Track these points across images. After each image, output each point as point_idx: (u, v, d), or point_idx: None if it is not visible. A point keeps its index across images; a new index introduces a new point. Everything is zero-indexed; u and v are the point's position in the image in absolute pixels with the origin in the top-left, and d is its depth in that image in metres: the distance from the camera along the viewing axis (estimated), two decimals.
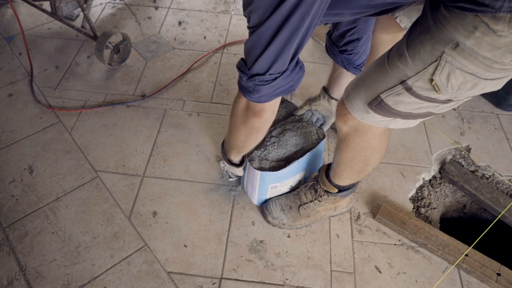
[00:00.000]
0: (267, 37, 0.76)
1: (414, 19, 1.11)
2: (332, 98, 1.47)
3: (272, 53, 0.79)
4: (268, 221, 1.38)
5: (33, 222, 1.37)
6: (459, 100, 0.83)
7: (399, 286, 1.27)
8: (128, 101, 1.77)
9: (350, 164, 1.12)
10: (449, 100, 0.81)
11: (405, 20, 1.16)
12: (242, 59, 0.88)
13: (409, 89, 0.81)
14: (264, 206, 1.39)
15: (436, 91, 0.78)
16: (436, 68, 0.75)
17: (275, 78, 0.85)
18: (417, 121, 0.94)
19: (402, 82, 0.81)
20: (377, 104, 0.88)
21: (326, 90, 1.49)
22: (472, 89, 0.77)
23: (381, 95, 0.86)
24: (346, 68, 1.34)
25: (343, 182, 1.22)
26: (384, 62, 0.85)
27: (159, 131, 1.66)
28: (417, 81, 0.79)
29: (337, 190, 1.25)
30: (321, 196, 1.30)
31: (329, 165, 1.26)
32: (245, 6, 0.77)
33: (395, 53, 0.83)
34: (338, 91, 1.45)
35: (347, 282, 1.27)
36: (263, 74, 0.84)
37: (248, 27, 0.80)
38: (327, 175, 1.26)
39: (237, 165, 1.28)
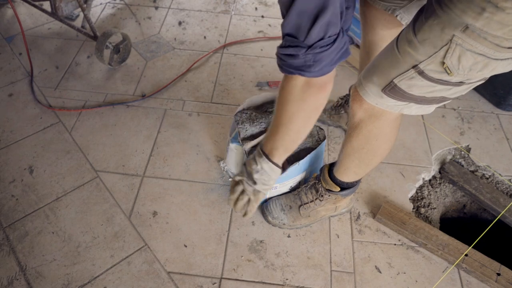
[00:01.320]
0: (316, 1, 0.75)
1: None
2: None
3: (327, 15, 0.77)
4: (268, 221, 1.38)
5: (33, 222, 1.37)
6: (471, 83, 0.85)
7: (399, 286, 1.27)
8: (128, 101, 1.77)
9: (359, 154, 1.11)
10: (461, 83, 0.84)
11: (406, 17, 1.17)
12: (286, 38, 0.83)
13: (421, 73, 0.83)
14: (264, 206, 1.39)
15: (448, 74, 0.81)
16: (447, 51, 0.77)
17: (334, 40, 0.82)
18: (432, 107, 0.96)
19: (414, 66, 0.84)
20: (390, 89, 0.90)
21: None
22: (483, 69, 0.79)
23: (394, 80, 0.88)
24: None
25: (348, 176, 1.22)
26: (393, 49, 0.88)
27: (159, 131, 1.66)
28: (429, 65, 0.81)
29: (339, 189, 1.25)
30: (322, 196, 1.30)
31: (331, 164, 1.27)
32: None
33: (404, 40, 0.85)
34: None
35: (347, 282, 1.27)
36: (323, 38, 0.80)
37: (283, 1, 0.78)
38: (330, 174, 1.26)
39: (281, 167, 1.10)
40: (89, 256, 1.29)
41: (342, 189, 1.25)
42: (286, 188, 1.40)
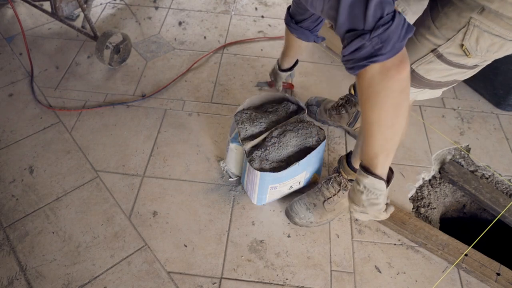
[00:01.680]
0: None
1: (411, 4, 1.15)
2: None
3: None
4: (295, 223, 1.38)
5: (34, 222, 1.37)
6: (483, 65, 0.90)
7: (398, 286, 1.27)
8: (128, 101, 1.77)
9: None
10: (475, 66, 0.89)
11: (402, 4, 1.19)
12: (346, 36, 0.80)
13: (440, 56, 0.87)
14: (288, 208, 1.40)
15: (467, 55, 0.85)
16: (465, 33, 0.82)
17: (393, 17, 0.78)
18: (441, 91, 1.00)
19: (433, 50, 0.87)
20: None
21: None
22: (499, 50, 0.83)
23: (412, 66, 0.91)
24: (316, 41, 1.35)
25: None
26: (411, 36, 0.90)
27: (159, 131, 1.67)
28: (448, 48, 0.85)
29: None
30: (345, 187, 1.32)
31: (348, 155, 1.28)
32: None
33: (421, 27, 0.88)
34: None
35: (347, 282, 1.27)
36: (382, 16, 0.77)
37: (331, 4, 0.76)
38: (348, 164, 1.27)
39: (385, 179, 0.91)
40: (89, 256, 1.29)
41: None
42: (286, 188, 1.40)
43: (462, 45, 0.83)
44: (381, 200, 0.91)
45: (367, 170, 0.90)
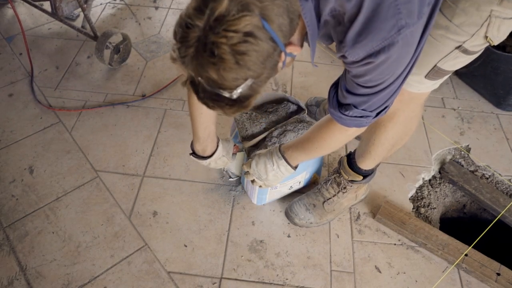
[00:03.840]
0: (398, 85, 0.81)
1: None
2: None
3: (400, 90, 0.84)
4: (295, 223, 1.38)
5: (33, 222, 1.37)
6: None
7: (398, 286, 1.27)
8: (128, 101, 1.77)
9: (394, 140, 1.14)
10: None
11: None
12: (354, 110, 0.86)
13: (465, 51, 0.88)
14: (287, 209, 1.40)
15: (490, 44, 0.86)
16: (488, 26, 0.82)
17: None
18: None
19: (458, 47, 0.88)
20: (434, 73, 0.95)
21: None
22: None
23: (437, 64, 0.93)
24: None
25: (372, 164, 1.24)
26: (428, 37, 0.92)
27: (159, 131, 1.67)
28: (473, 42, 0.86)
29: (361, 177, 1.27)
30: (345, 188, 1.33)
31: (348, 156, 1.29)
32: (377, 83, 0.79)
33: (436, 28, 0.88)
34: None
35: (347, 282, 1.27)
36: (388, 105, 0.89)
37: (364, 92, 0.82)
38: (350, 165, 1.28)
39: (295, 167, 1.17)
40: (89, 256, 1.29)
41: (364, 176, 1.28)
42: (286, 188, 1.40)
43: (486, 37, 0.84)
44: (281, 180, 1.20)
45: (286, 159, 1.11)
